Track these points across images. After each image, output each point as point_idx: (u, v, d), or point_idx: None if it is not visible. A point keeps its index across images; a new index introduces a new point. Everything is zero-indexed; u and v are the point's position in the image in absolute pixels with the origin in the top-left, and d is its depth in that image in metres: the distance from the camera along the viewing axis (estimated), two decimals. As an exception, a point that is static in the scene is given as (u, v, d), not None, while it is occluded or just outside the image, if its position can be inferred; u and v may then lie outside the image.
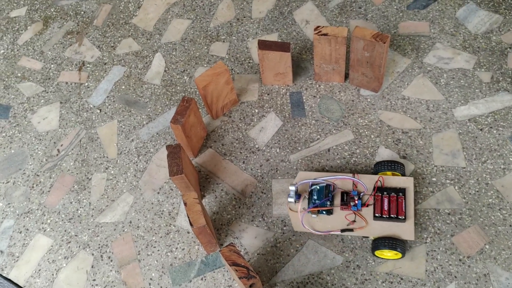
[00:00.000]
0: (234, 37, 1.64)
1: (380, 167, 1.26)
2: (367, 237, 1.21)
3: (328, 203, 1.19)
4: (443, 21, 1.57)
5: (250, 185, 1.35)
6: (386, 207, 1.16)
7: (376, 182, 1.21)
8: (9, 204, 1.40)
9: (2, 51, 1.73)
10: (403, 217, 1.14)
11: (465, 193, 1.26)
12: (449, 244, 1.20)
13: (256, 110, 1.47)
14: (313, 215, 1.19)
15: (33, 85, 1.63)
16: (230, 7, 1.71)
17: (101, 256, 1.29)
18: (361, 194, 1.20)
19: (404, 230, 1.15)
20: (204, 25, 1.68)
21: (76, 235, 1.33)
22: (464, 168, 1.30)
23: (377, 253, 1.17)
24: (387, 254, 1.17)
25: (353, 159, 1.35)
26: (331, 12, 1.64)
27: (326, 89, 1.48)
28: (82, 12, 1.79)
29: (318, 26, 1.34)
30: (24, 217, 1.38)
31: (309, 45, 1.58)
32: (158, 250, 1.27)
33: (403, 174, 1.26)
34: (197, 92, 1.53)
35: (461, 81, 1.44)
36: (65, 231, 1.34)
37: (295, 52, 1.57)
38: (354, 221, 1.17)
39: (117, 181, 1.40)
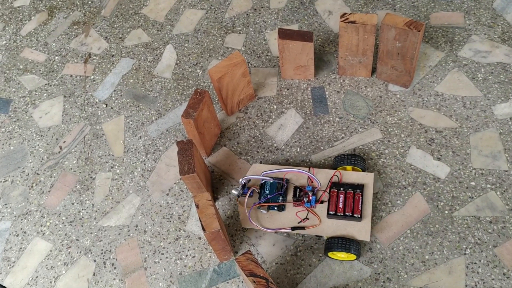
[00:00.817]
0: (251, 28, 1.52)
1: (339, 161, 1.17)
2: (321, 236, 1.13)
3: (280, 198, 1.13)
4: (479, 11, 1.44)
5: (267, 187, 1.23)
6: (341, 204, 1.09)
7: (332, 177, 1.13)
8: (6, 204, 1.30)
9: (4, 42, 1.63)
10: (359, 216, 1.08)
11: (508, 199, 1.13)
12: (492, 256, 1.07)
13: (275, 106, 1.35)
14: (263, 211, 1.13)
15: (36, 78, 1.53)
16: (247, -3, 1.60)
17: (104, 262, 1.17)
18: (316, 189, 1.12)
19: (360, 230, 1.08)
20: (218, 16, 1.57)
21: (77, 240, 1.22)
22: (506, 171, 1.17)
23: (331, 254, 1.10)
24: (340, 255, 1.10)
25: (381, 160, 1.22)
26: (356, 2, 1.52)
27: (351, 84, 1.36)
28: (90, 2, 1.68)
29: (345, 13, 1.22)
30: (21, 219, 1.27)
31: (332, 37, 1.46)
32: (167, 257, 1.16)
33: (364, 170, 1.17)
34: (211, 86, 1.41)
35: (501, 76, 1.31)
36: (66, 235, 1.23)
37: (317, 45, 1.45)
38: (307, 218, 1.10)
39: (123, 181, 1.29)
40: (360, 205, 1.09)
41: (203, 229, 0.99)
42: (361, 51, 1.28)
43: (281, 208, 1.12)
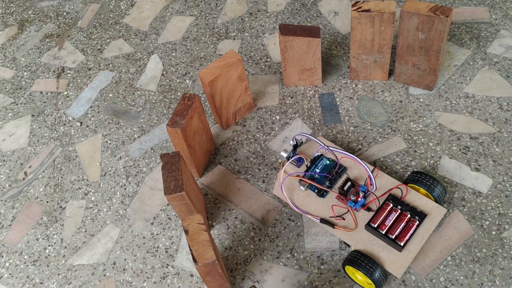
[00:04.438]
0: (246, 34, 1.35)
1: (416, 178, 0.96)
2: (348, 246, 0.96)
3: (327, 182, 0.97)
4: (505, 5, 1.27)
5: (273, 210, 1.02)
6: (388, 222, 0.91)
7: (393, 188, 0.95)
8: (-43, 243, 1.08)
9: (-32, 60, 1.45)
10: (401, 245, 0.88)
11: None
12: (559, 285, 0.85)
13: (278, 117, 1.16)
14: (302, 187, 0.98)
15: (1, 96, 1.33)
16: (241, 1, 1.43)
17: (74, 310, 0.95)
18: (369, 193, 0.96)
19: (395, 261, 0.89)
20: (210, 22, 1.40)
21: (41, 283, 0.99)
22: (562, 180, 0.97)
23: (348, 269, 0.92)
24: (357, 276, 0.92)
25: (408, 173, 1.02)
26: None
27: (366, 88, 1.17)
28: (65, 13, 1.51)
29: (357, 1, 1.05)
30: (-25, 260, 1.05)
31: (340, 39, 1.28)
32: (151, 301, 0.93)
33: (439, 202, 0.96)
34: (203, 98, 1.22)
35: (540, 72, 1.13)
36: (28, 277, 1.01)
37: (323, 48, 1.27)
38: (342, 218, 0.94)
39: (98, 210, 1.08)
40: (409, 234, 0.89)
41: (195, 260, 0.77)
42: (377, 48, 1.10)
43: (321, 194, 0.97)
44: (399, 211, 0.92)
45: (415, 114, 1.12)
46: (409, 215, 0.91)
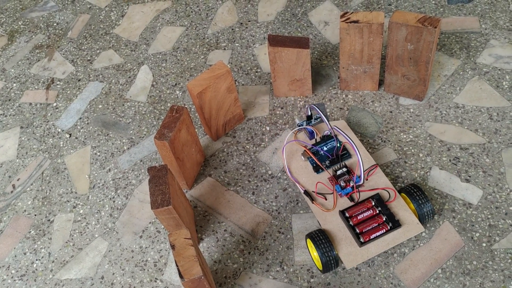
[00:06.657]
0: (237, 44, 1.34)
1: (411, 191, 0.94)
2: (319, 224, 0.99)
3: (327, 162, 1.02)
4: (495, 14, 1.27)
5: (262, 223, 1.01)
6: (361, 217, 0.93)
7: (380, 189, 0.96)
8: None
9: (-43, 71, 1.44)
10: (362, 241, 0.90)
11: (560, 225, 0.92)
12: (549, 297, 0.85)
13: (268, 128, 1.15)
14: (303, 157, 1.04)
15: (-10, 108, 1.32)
16: (231, 11, 1.43)
17: (61, 326, 0.94)
18: (358, 185, 0.98)
19: (350, 252, 0.91)
20: (200, 32, 1.39)
21: (28, 298, 0.98)
22: (552, 191, 0.96)
23: (309, 242, 0.95)
24: (314, 252, 0.95)
25: (398, 184, 1.02)
26: (355, 10, 1.35)
27: (356, 99, 1.17)
28: (55, 24, 1.50)
29: (346, 12, 1.04)
30: (-38, 275, 1.03)
31: (330, 49, 1.28)
32: (139, 316, 0.92)
33: (422, 220, 0.93)
34: (193, 109, 1.21)
35: (530, 82, 1.13)
36: (15, 292, 0.99)
37: (313, 58, 1.27)
38: (325, 197, 0.98)
39: (87, 223, 1.06)
40: (374, 235, 0.90)
41: (181, 276, 0.76)
42: (366, 58, 1.09)
43: (317, 170, 1.01)
44: (377, 212, 0.93)
45: (406, 125, 1.11)
46: (384, 219, 0.91)
